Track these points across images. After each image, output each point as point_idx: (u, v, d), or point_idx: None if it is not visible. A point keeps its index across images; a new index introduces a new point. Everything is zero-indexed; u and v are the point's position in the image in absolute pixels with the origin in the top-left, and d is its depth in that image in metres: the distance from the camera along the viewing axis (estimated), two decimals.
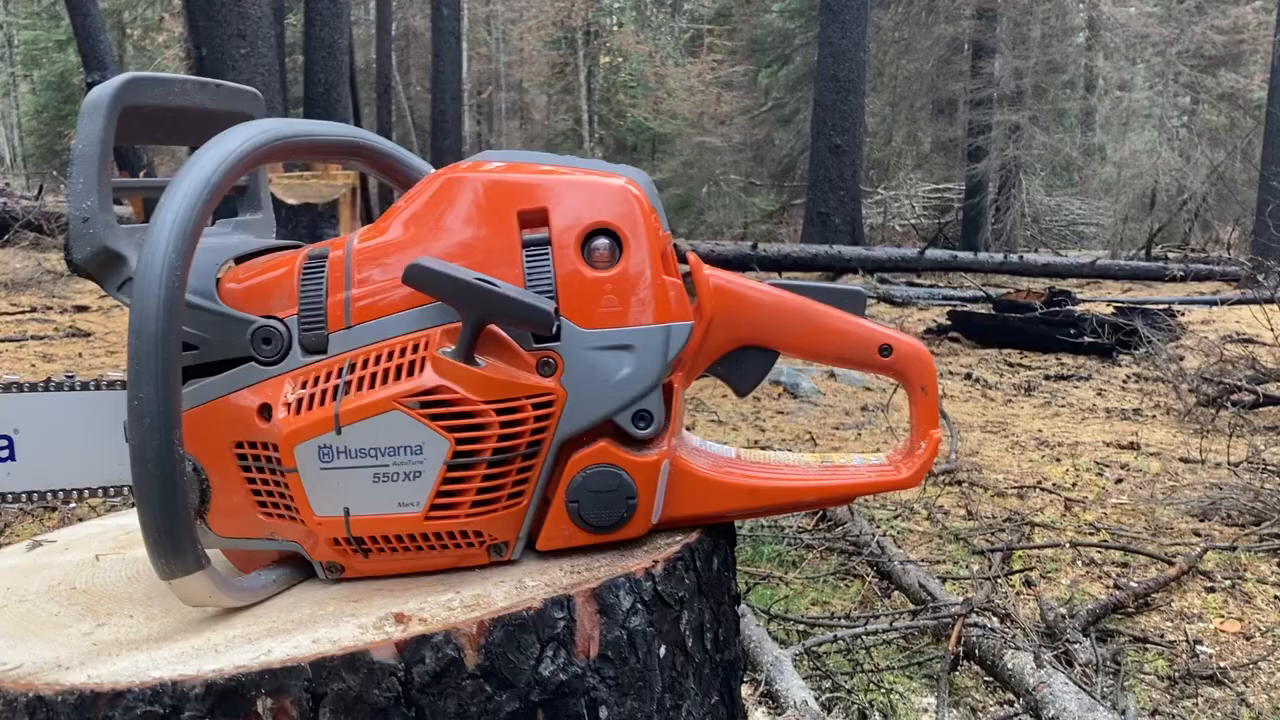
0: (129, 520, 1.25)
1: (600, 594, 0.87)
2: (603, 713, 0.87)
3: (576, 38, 21.45)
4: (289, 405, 0.90)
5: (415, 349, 0.89)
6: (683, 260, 0.97)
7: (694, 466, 0.97)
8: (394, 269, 0.91)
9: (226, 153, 0.87)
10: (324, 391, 0.89)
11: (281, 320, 0.92)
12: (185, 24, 14.55)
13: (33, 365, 6.06)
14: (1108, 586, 3.21)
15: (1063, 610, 2.86)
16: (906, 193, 21.03)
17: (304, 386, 0.90)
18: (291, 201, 7.33)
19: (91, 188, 0.90)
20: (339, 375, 0.90)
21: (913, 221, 20.64)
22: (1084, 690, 2.14)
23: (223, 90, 1.04)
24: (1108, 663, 2.60)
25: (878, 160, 21.66)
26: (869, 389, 6.50)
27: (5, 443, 1.11)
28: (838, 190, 14.08)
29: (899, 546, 3.47)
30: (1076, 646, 2.59)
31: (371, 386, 0.89)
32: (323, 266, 0.93)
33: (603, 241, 0.92)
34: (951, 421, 5.38)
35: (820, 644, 2.49)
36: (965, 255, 14.23)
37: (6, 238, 12.66)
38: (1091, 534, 3.75)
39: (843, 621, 2.62)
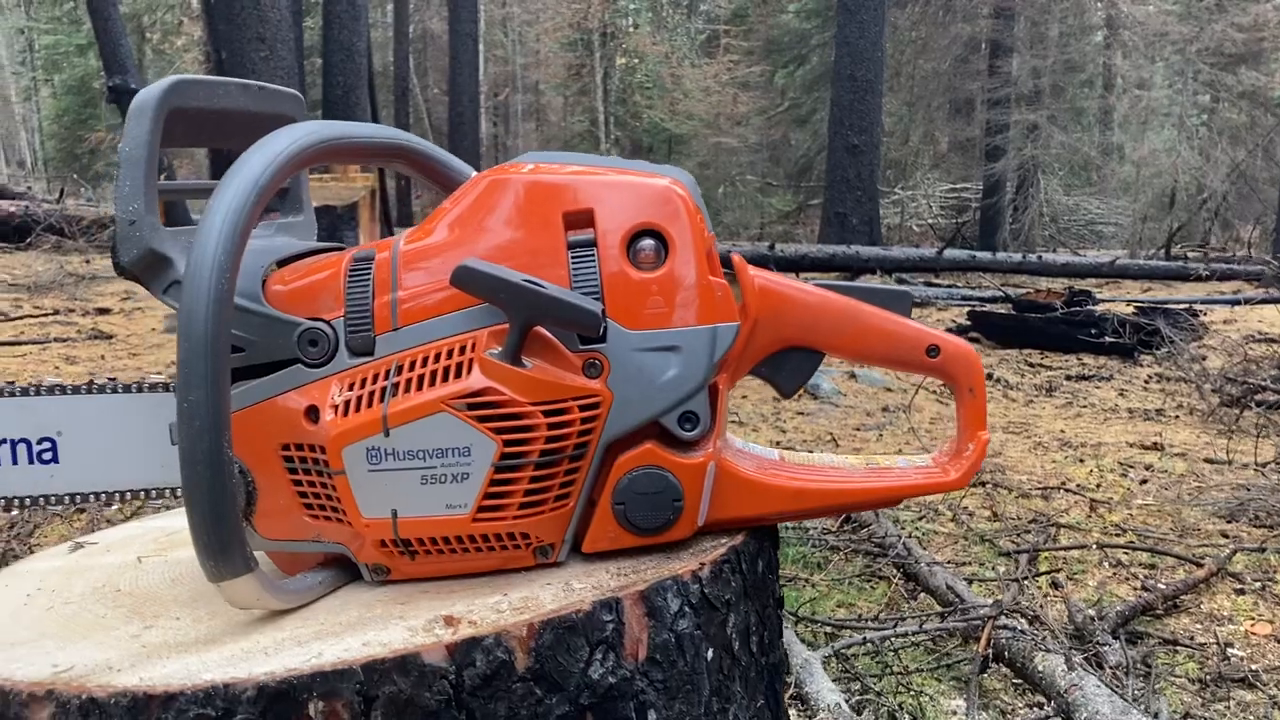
0: (168, 523, 1.25)
1: (648, 597, 0.87)
2: (651, 716, 0.86)
3: (593, 39, 21.46)
4: (336, 407, 0.89)
5: (462, 351, 0.89)
6: (726, 263, 0.97)
7: (739, 468, 0.97)
8: (440, 271, 0.91)
9: (274, 154, 0.87)
10: (371, 393, 0.89)
11: (328, 322, 0.92)
12: (204, 27, 14.65)
13: (56, 368, 6.09)
14: (1135, 588, 3.19)
15: (1091, 612, 2.84)
16: (924, 192, 20.96)
17: (351, 388, 0.90)
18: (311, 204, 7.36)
19: (138, 190, 0.90)
20: (386, 377, 0.90)
21: (930, 221, 20.57)
22: (1116, 693, 2.13)
23: (265, 92, 1.04)
24: (1138, 665, 2.58)
25: (895, 160, 21.60)
26: (889, 390, 6.48)
27: (48, 445, 1.11)
28: (855, 190, 14.04)
29: (924, 548, 3.46)
30: (1106, 649, 2.57)
31: (419, 388, 0.89)
32: (369, 268, 0.93)
33: (648, 242, 0.91)
34: None
35: (849, 646, 2.48)
36: (984, 255, 14.17)
37: (29, 241, 12.75)
38: (1118, 535, 3.73)
39: (871, 623, 2.60)
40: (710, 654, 0.91)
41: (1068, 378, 7.31)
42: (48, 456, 1.11)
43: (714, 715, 0.92)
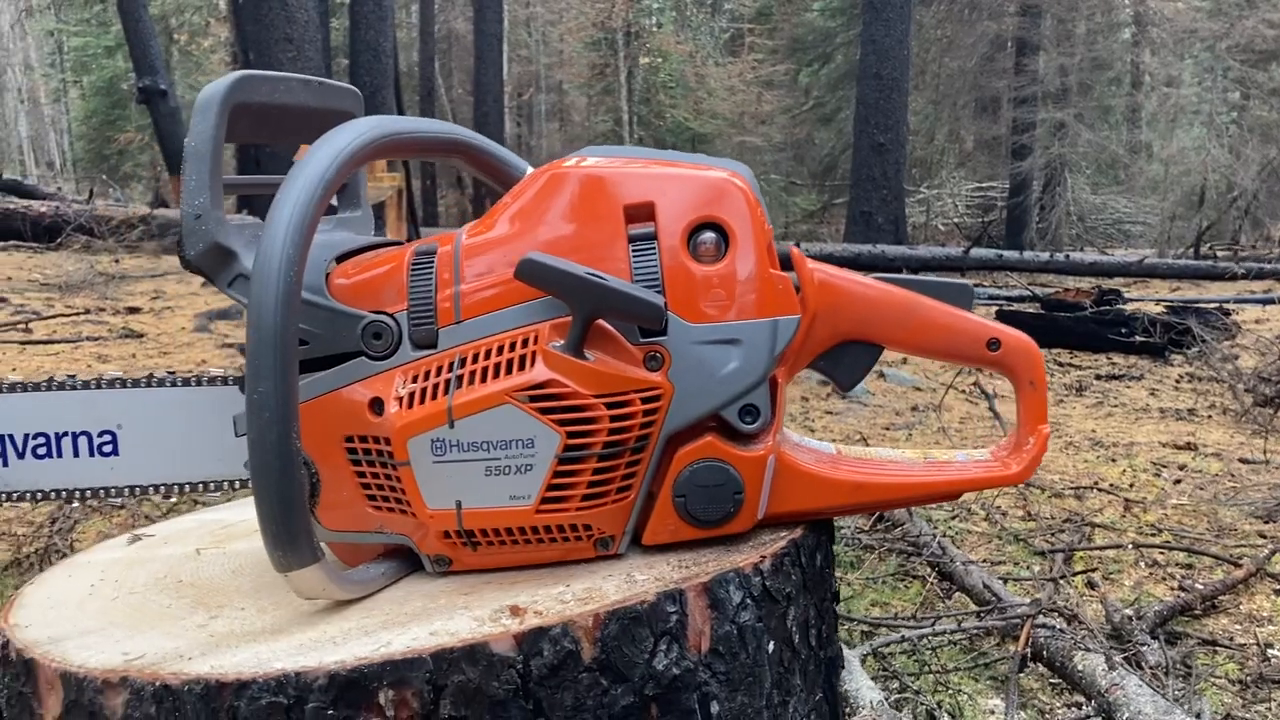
0: (223, 515, 1.27)
1: (711, 589, 0.87)
2: (714, 708, 0.87)
3: (616, 39, 21.47)
4: (401, 399, 0.90)
5: (524, 344, 0.90)
6: (784, 256, 0.97)
7: (799, 462, 0.97)
8: (502, 264, 0.92)
9: (339, 149, 0.88)
10: (436, 386, 0.90)
11: (391, 316, 0.92)
12: (232, 28, 14.75)
13: (89, 365, 6.15)
14: (1173, 588, 3.16)
15: (1129, 612, 2.82)
16: (949, 191, 20.86)
17: (415, 381, 0.91)
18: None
19: (204, 185, 0.91)
20: (449, 370, 0.90)
21: (955, 220, 20.47)
22: (1158, 693, 2.11)
23: (325, 88, 1.05)
24: (1177, 666, 2.56)
25: (920, 159, 21.50)
26: (919, 389, 6.45)
27: (109, 437, 1.13)
28: (881, 189, 13.99)
29: (957, 547, 3.44)
30: (1145, 649, 2.55)
31: (483, 381, 0.89)
32: (431, 262, 0.93)
33: (709, 235, 0.92)
34: (1005, 422, 5.32)
35: (886, 644, 2.47)
36: (1010, 254, 14.09)
37: (59, 241, 12.87)
38: (1153, 535, 3.69)
39: (909, 622, 2.60)
40: (771, 647, 0.91)
41: (1098, 377, 7.26)
42: (108, 449, 1.13)
43: (774, 708, 0.92)
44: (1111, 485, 4.35)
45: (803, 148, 22.97)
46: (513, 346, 0.90)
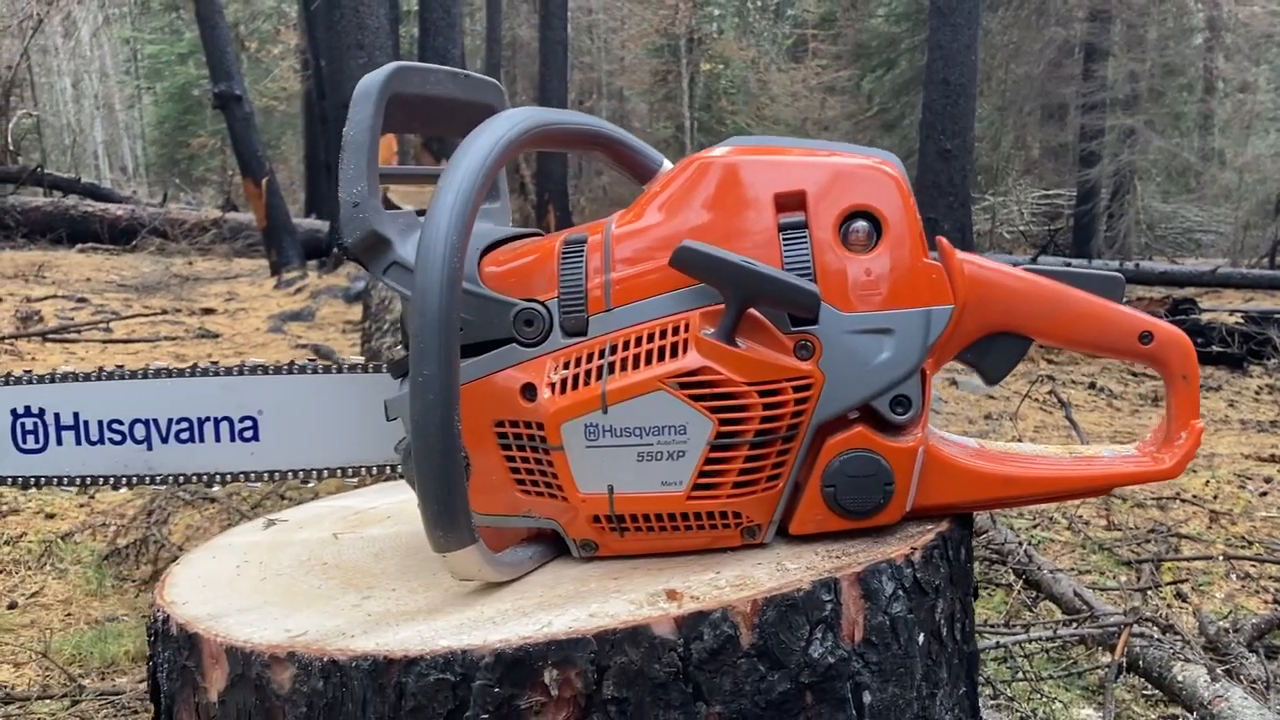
0: (353, 502, 1.29)
1: (864, 579, 0.87)
2: (866, 697, 0.86)
3: (679, 45, 21.49)
4: (553, 385, 0.91)
5: (676, 331, 0.90)
6: (932, 247, 0.96)
7: (948, 454, 0.96)
8: (652, 252, 0.92)
9: (496, 138, 0.89)
10: (588, 372, 0.91)
11: (542, 303, 0.93)
12: (303, 36, 15.01)
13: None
14: (1267, 601, 3.09)
15: (1224, 624, 2.76)
16: (1015, 199, 20.57)
17: (566, 367, 0.92)
18: (406, 207, 7.51)
19: (361, 174, 0.93)
20: (601, 356, 0.91)
21: (1021, 228, 20.19)
22: (1265, 706, 2.06)
23: (470, 80, 1.07)
24: (1278, 679, 2.50)
25: (985, 166, 21.23)
26: (992, 397, 6.37)
27: (250, 423, 1.15)
28: (947, 196, 13.83)
29: (1041, 555, 3.39)
30: (1244, 662, 2.50)
31: (634, 367, 0.90)
32: (581, 251, 0.94)
33: (861, 224, 0.91)
34: (1082, 431, 5.24)
35: (980, 650, 2.44)
36: (1078, 262, 13.86)
37: (134, 243, 13.19)
38: (1243, 547, 3.61)
39: (1002, 629, 2.57)
40: (921, 638, 0.91)
41: None
42: (249, 435, 1.15)
43: (923, 700, 0.91)
44: (1195, 496, 4.26)
45: None
46: (664, 334, 0.90)
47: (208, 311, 8.79)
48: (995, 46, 20.28)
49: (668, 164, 1.11)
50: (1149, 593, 3.10)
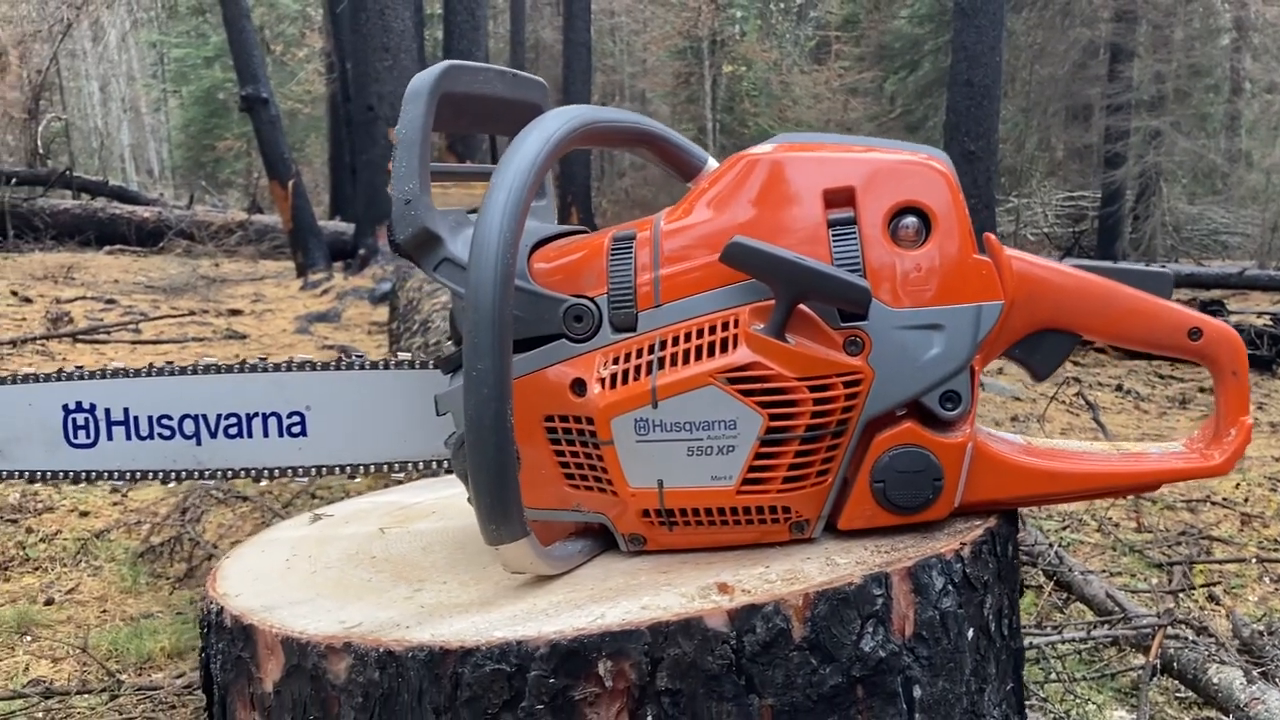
0: (397, 498, 1.30)
1: (915, 573, 0.87)
2: (916, 692, 0.87)
3: (702, 47, 21.49)
4: (603, 380, 0.92)
5: (725, 326, 0.91)
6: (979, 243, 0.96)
7: (996, 450, 0.96)
8: (701, 248, 0.93)
9: (547, 135, 0.90)
10: (637, 367, 0.91)
11: (591, 299, 0.94)
12: (329, 39, 15.10)
13: None
14: None
15: (1258, 627, 2.74)
16: (1039, 200, 20.46)
17: (616, 363, 0.92)
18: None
19: (413, 171, 0.94)
20: (650, 352, 0.92)
21: (1045, 230, 20.07)
22: None
23: (518, 79, 1.08)
24: None
25: (1009, 167, 21.13)
26: (1018, 399, 6.34)
27: (298, 419, 1.16)
28: (971, 197, 13.76)
29: (1071, 557, 3.37)
30: (1279, 664, 2.48)
31: (684, 363, 0.91)
32: (630, 247, 0.95)
33: (910, 220, 0.92)
34: (1109, 433, 5.21)
35: None
36: (1104, 264, 13.75)
37: (161, 245, 13.30)
38: (1276, 549, 3.59)
39: (1034, 630, 2.56)
40: (970, 633, 0.91)
41: (1201, 390, 7.06)
42: (296, 430, 1.16)
43: (972, 695, 0.92)
44: (1226, 499, 4.23)
45: None
46: (713, 330, 0.91)
47: (235, 313, 8.86)
48: (1020, 47, 20.18)
49: (713, 162, 1.12)
50: (1181, 595, 3.08)
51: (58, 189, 14.57)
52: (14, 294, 8.54)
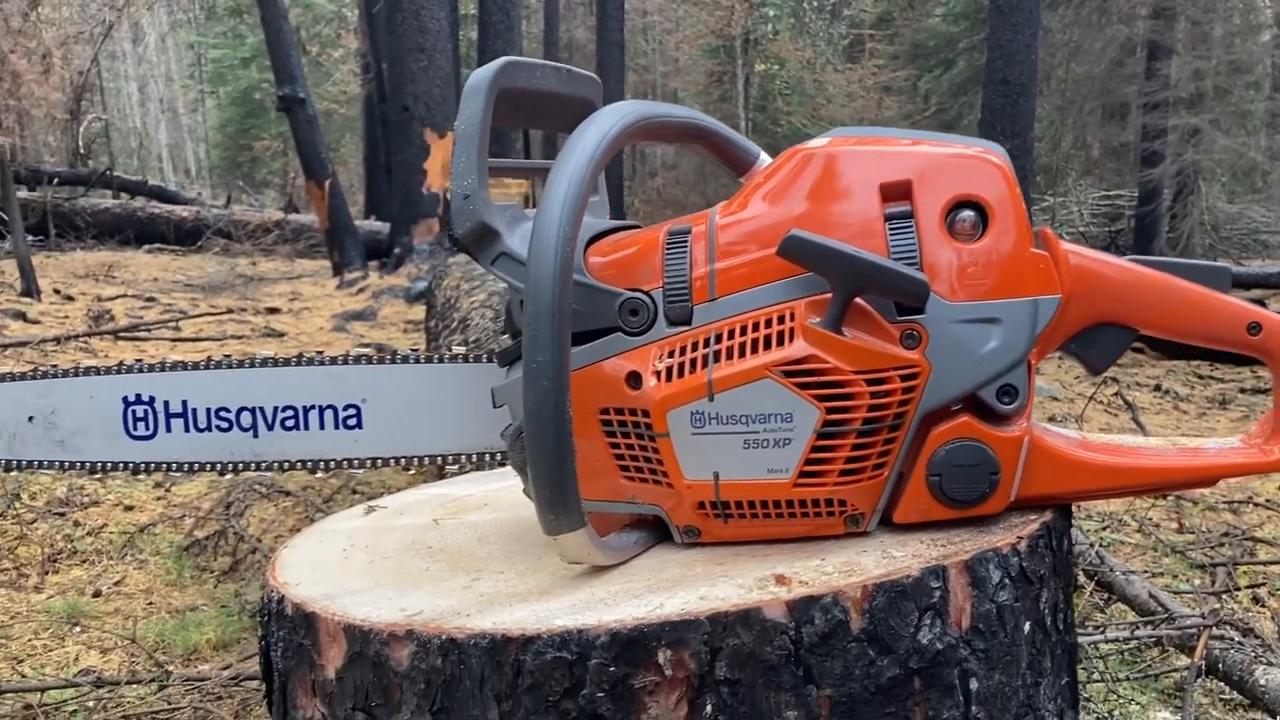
0: (449, 490, 1.31)
1: (972, 567, 0.87)
2: (973, 685, 0.87)
3: (734, 46, 21.45)
4: (659, 373, 0.93)
5: (781, 320, 0.91)
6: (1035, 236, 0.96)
7: (1053, 444, 0.96)
8: (756, 242, 0.93)
9: (604, 131, 0.91)
10: (693, 360, 0.92)
11: (646, 293, 0.95)
12: (365, 40, 15.21)
13: None
14: None
15: None
16: (1075, 199, 20.28)
17: (671, 356, 0.93)
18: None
19: (472, 166, 0.95)
20: (706, 345, 0.92)
21: (1081, 229, 19.88)
22: None
23: (572, 76, 1.09)
24: None
25: (1044, 166, 20.95)
26: (1056, 399, 6.29)
27: (354, 411, 1.18)
28: None
29: (1113, 558, 3.35)
30: None
31: (740, 356, 0.91)
32: (686, 241, 0.96)
33: (967, 214, 0.92)
34: (1150, 434, 5.16)
35: None
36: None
37: (199, 244, 13.46)
38: None
39: (1080, 629, 2.54)
40: (1027, 627, 0.91)
41: (1242, 390, 6.97)
42: (353, 422, 1.18)
43: (1028, 689, 0.92)
44: (1268, 500, 4.18)
45: None
46: (769, 323, 0.91)
47: (272, 311, 8.96)
48: (1055, 45, 20.00)
49: (765, 157, 1.12)
50: (1224, 596, 3.05)
51: (98, 188, 14.78)
52: (56, 292, 8.67)
